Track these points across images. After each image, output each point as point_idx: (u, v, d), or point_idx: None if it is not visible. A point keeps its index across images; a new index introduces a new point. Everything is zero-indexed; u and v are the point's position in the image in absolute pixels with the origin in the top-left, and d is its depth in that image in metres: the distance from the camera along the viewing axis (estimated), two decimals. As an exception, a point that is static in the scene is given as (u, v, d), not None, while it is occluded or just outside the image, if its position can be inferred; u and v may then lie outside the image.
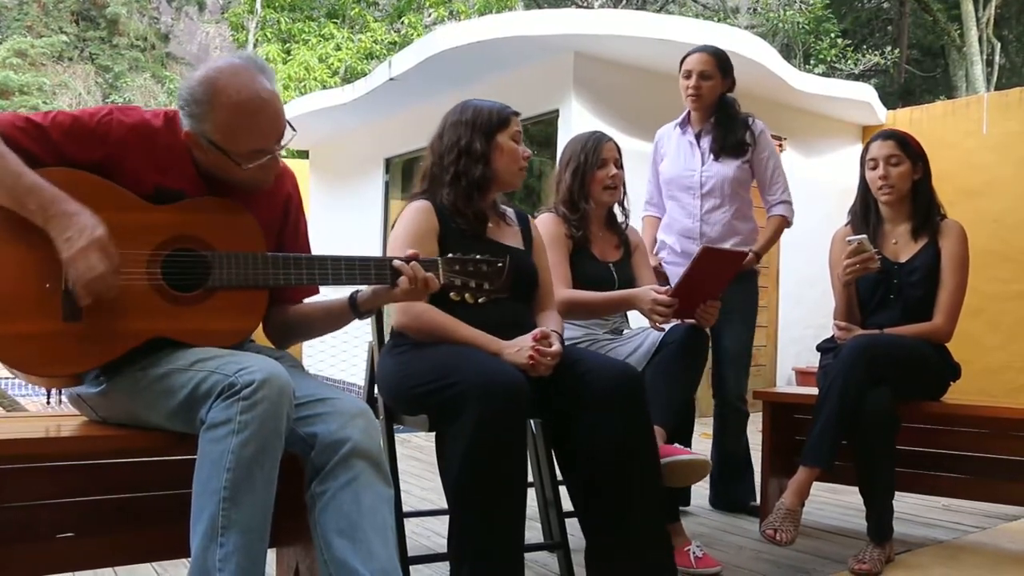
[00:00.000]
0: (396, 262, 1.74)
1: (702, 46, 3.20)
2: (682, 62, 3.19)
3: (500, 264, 1.84)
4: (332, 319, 1.88)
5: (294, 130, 1.72)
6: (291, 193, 1.93)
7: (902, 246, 2.80)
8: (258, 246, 1.72)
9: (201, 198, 1.71)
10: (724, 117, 3.17)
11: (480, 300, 1.84)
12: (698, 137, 3.21)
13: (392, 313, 2.13)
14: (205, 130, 1.63)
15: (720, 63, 3.13)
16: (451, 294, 1.83)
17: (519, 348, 2.00)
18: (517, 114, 2.29)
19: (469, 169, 2.19)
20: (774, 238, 3.29)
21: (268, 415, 1.47)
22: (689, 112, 3.25)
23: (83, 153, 1.62)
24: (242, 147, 1.65)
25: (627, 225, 2.87)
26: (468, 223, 2.20)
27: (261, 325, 1.89)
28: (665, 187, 3.26)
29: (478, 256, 1.84)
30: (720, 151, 3.15)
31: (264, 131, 1.66)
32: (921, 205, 2.79)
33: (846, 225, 2.92)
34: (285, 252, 1.84)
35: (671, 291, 2.42)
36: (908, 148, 2.77)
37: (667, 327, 2.48)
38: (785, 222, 3.27)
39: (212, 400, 1.49)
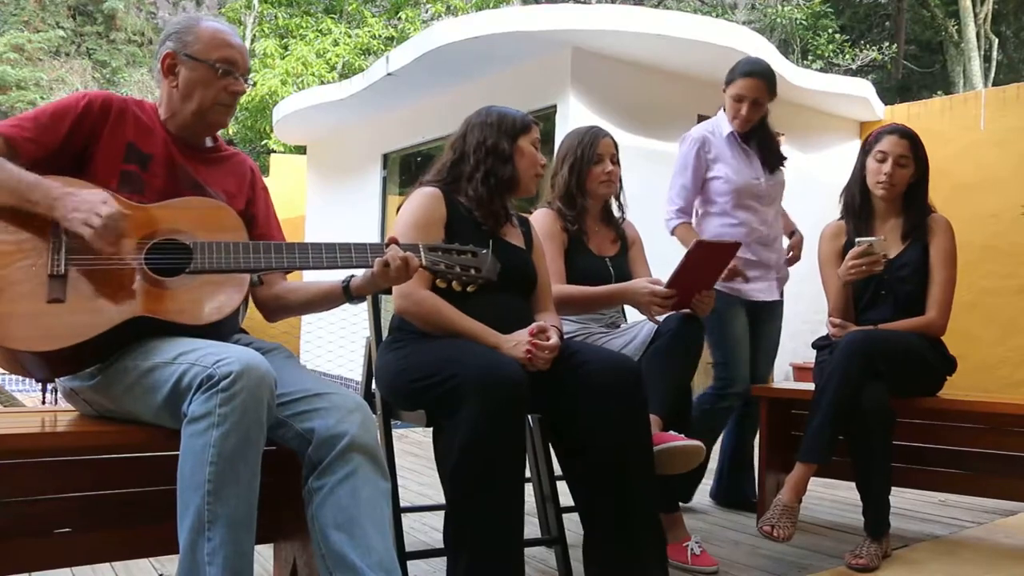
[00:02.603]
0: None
1: (752, 67, 3.08)
2: (731, 80, 3.09)
3: (484, 252, 1.84)
4: (323, 300, 1.92)
5: (251, 84, 1.90)
6: (254, 170, 2.06)
7: (891, 242, 2.80)
8: (238, 235, 1.77)
9: (183, 198, 1.79)
10: (767, 132, 3.22)
11: (468, 288, 1.83)
12: (748, 144, 3.20)
13: (393, 297, 2.13)
14: (188, 44, 1.85)
15: (771, 87, 3.09)
16: (437, 281, 1.83)
17: (516, 342, 2.01)
18: (538, 123, 2.34)
19: (497, 168, 2.23)
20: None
21: (248, 406, 1.48)
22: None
23: (72, 129, 1.77)
24: (219, 54, 1.85)
25: (624, 219, 2.87)
26: (488, 219, 2.22)
27: (252, 300, 1.97)
28: (735, 196, 3.15)
29: (459, 245, 1.85)
30: (775, 164, 3.23)
31: (236, 48, 1.89)
32: (914, 207, 2.80)
33: (839, 220, 2.92)
34: (257, 223, 2.00)
35: (667, 283, 2.42)
36: (917, 151, 2.78)
37: (661, 318, 2.49)
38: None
39: (192, 393, 1.50)
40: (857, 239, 2.69)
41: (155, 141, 1.85)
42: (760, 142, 3.20)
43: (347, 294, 1.86)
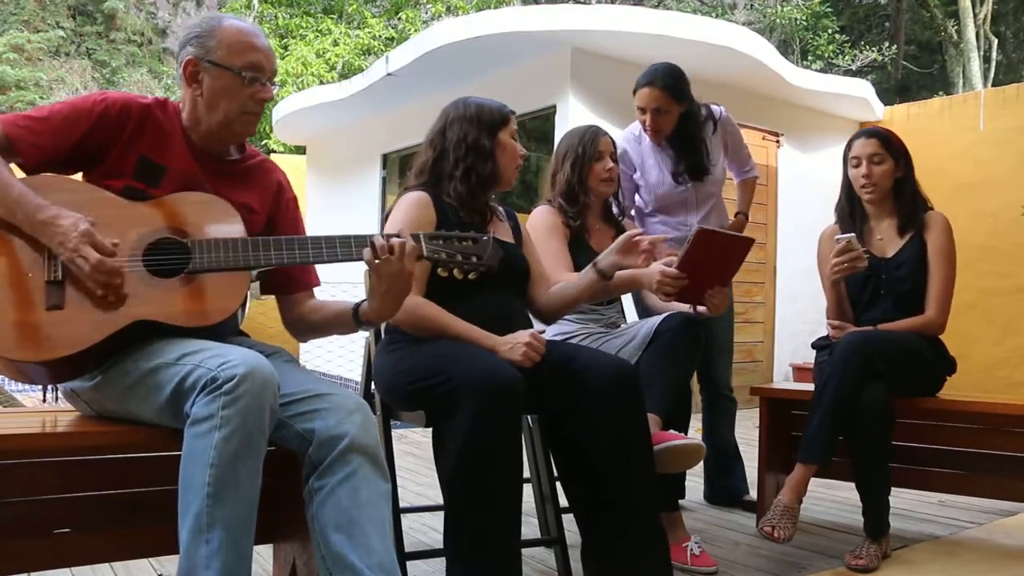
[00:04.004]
0: (373, 237, 1.73)
1: (650, 76, 3.01)
2: (633, 92, 3.07)
3: (485, 238, 1.82)
4: (338, 321, 1.89)
5: (277, 86, 1.86)
6: (281, 182, 1.98)
7: (888, 241, 2.81)
8: (237, 231, 1.74)
9: (179, 193, 1.74)
10: (686, 140, 3.11)
11: (470, 276, 1.80)
12: (674, 149, 3.15)
13: None
14: (210, 49, 1.76)
15: (672, 93, 3.00)
16: (439, 270, 1.80)
17: (512, 345, 2.01)
18: (514, 113, 2.32)
19: (478, 165, 2.21)
20: (752, 197, 3.48)
21: (250, 410, 1.47)
22: None
23: (83, 137, 1.70)
24: (244, 60, 1.76)
25: (624, 218, 2.88)
26: (472, 217, 2.22)
27: (281, 320, 1.95)
28: (656, 201, 3.20)
29: (459, 232, 1.82)
30: (700, 173, 3.14)
31: (262, 50, 1.79)
32: (905, 202, 2.80)
33: (834, 224, 2.93)
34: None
35: (676, 265, 2.39)
36: (891, 146, 2.78)
37: (660, 318, 2.48)
38: (756, 180, 3.50)
39: (195, 395, 1.49)
40: (835, 237, 2.69)
41: (173, 151, 1.78)
42: (683, 149, 3.12)
43: (356, 318, 1.83)
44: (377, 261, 1.71)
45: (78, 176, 1.75)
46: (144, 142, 1.75)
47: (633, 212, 3.28)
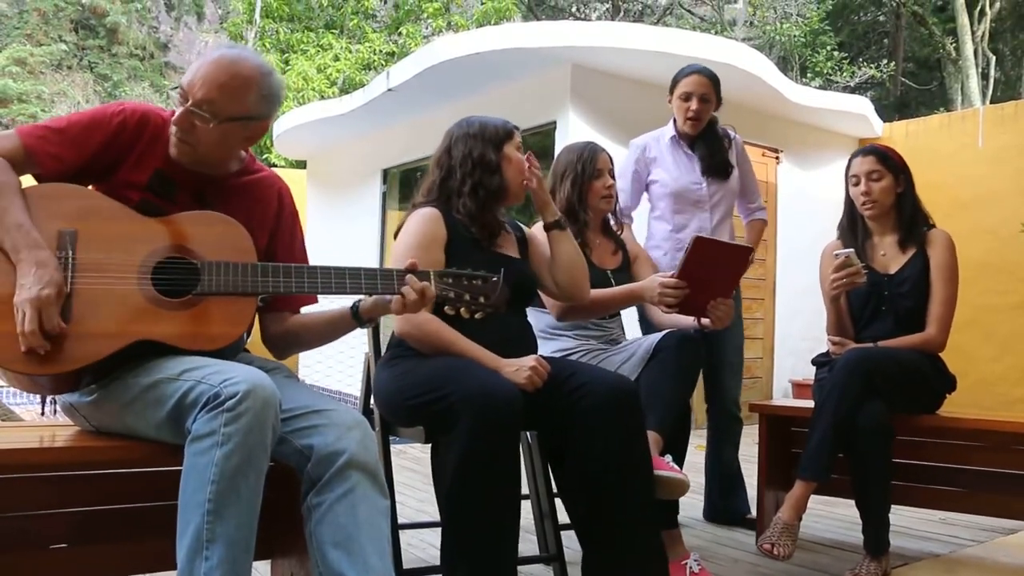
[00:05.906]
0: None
1: (698, 67, 3.16)
2: (676, 82, 3.17)
3: (495, 279, 1.81)
4: (333, 328, 1.88)
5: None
6: (282, 196, 1.96)
7: (891, 258, 2.81)
8: (249, 256, 1.73)
9: (193, 212, 1.74)
10: (713, 137, 3.23)
11: (476, 315, 1.80)
12: (692, 149, 3.24)
13: (394, 320, 2.12)
14: None
15: (716, 86, 3.16)
16: (445, 308, 1.79)
17: (517, 367, 2.00)
18: (518, 128, 2.33)
19: (485, 179, 2.22)
20: (759, 239, 3.48)
21: (252, 427, 1.47)
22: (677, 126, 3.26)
23: (100, 148, 1.70)
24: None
25: (621, 229, 2.89)
26: (483, 232, 2.22)
27: (260, 336, 1.93)
28: (671, 200, 3.22)
29: (471, 271, 1.82)
30: (715, 171, 3.21)
31: (192, 73, 1.72)
32: (905, 217, 2.81)
33: (836, 240, 2.93)
34: (277, 254, 1.90)
35: (675, 274, 2.38)
36: (889, 162, 2.79)
37: (661, 335, 2.48)
38: (764, 224, 3.49)
39: (197, 411, 1.49)
40: (834, 252, 2.69)
41: (180, 167, 1.78)
42: (705, 147, 3.21)
43: (358, 319, 1.83)
44: (403, 300, 1.72)
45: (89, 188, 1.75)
46: (159, 154, 1.75)
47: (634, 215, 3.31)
